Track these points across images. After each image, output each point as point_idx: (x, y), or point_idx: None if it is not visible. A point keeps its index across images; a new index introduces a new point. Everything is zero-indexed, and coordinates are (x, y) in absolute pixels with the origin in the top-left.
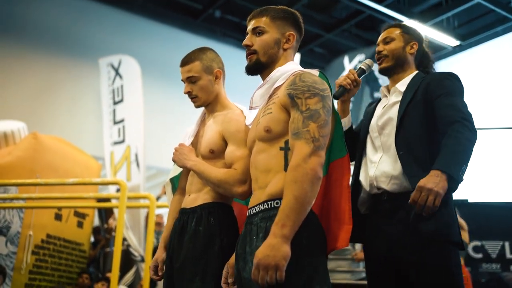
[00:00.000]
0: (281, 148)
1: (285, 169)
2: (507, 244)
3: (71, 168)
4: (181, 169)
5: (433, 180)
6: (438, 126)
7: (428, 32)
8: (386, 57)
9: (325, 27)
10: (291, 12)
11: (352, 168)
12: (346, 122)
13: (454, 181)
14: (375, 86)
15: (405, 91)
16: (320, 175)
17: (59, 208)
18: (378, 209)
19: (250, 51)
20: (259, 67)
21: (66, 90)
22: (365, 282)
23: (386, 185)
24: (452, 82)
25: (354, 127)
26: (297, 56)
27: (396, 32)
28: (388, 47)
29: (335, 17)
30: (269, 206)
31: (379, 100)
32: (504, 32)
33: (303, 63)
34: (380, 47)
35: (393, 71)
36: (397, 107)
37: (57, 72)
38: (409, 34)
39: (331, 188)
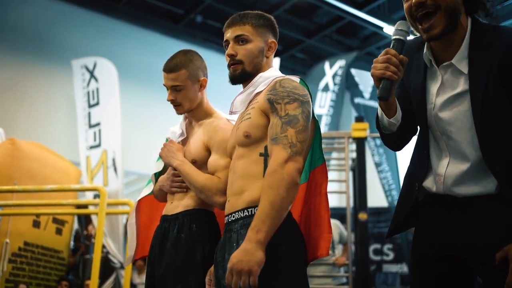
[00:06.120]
0: (260, 154)
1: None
2: None
3: (50, 174)
4: (163, 165)
5: None
6: None
7: (408, 38)
8: (437, 10)
9: (306, 32)
10: (269, 18)
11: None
12: (398, 118)
13: None
14: (356, 91)
15: (471, 72)
16: (297, 181)
17: (37, 215)
18: (442, 205)
19: (235, 61)
20: (245, 77)
21: (41, 94)
22: (346, 287)
23: (458, 194)
24: None
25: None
26: (277, 61)
27: None
28: None
29: (316, 23)
30: (249, 213)
31: (424, 64)
32: None
33: (284, 68)
34: None
35: (447, 34)
36: (465, 101)
37: (31, 75)
38: None
39: (311, 195)
